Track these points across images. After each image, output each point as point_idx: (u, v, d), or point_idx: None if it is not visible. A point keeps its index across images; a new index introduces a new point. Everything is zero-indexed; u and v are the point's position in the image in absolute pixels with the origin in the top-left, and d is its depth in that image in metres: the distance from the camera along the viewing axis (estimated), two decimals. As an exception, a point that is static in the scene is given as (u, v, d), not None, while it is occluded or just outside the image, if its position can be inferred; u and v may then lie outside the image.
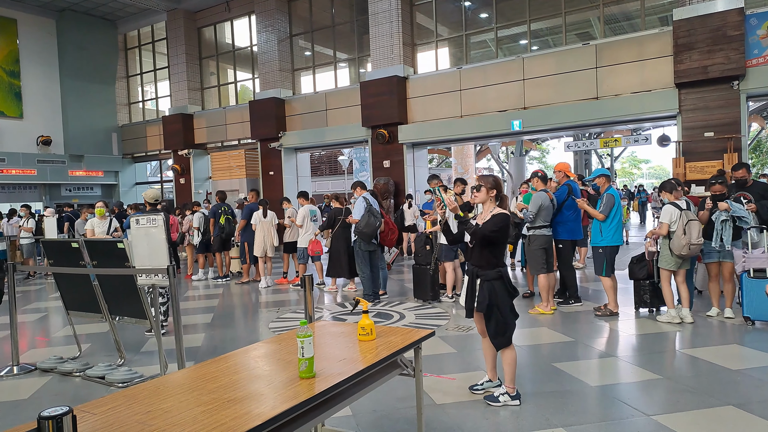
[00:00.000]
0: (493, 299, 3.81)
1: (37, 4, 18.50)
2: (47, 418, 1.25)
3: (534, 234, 6.72)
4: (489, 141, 17.55)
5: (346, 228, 8.51)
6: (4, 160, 17.82)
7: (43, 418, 1.26)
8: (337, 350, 2.81)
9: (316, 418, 2.37)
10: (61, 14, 19.22)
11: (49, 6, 18.73)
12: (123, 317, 5.19)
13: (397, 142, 13.95)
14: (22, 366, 5.24)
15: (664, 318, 6.06)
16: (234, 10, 17.78)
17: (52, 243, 5.74)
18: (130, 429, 1.84)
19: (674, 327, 5.86)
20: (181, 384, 2.34)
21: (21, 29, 18.58)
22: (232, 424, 1.87)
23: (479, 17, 14.46)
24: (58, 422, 1.26)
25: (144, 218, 4.64)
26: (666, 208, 6.07)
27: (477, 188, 3.97)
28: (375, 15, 13.97)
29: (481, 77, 13.08)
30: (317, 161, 32.63)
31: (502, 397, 3.87)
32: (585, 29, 14.39)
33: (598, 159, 27.74)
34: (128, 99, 21.32)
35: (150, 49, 20.70)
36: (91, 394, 4.52)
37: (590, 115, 11.62)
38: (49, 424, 1.25)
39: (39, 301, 9.33)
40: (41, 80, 19.08)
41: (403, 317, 6.86)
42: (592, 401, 3.94)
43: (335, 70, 16.26)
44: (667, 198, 6.20)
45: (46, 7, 18.80)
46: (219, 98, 19.02)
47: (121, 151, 20.94)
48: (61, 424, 1.26)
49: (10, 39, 18.35)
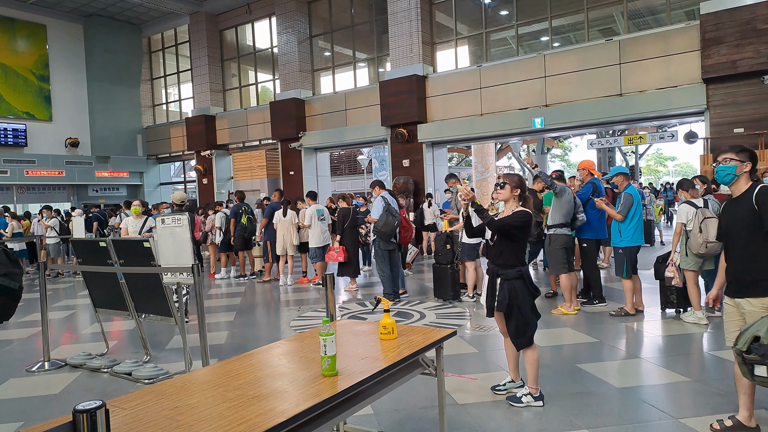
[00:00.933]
0: (514, 299, 3.78)
1: (66, 9, 18.92)
2: (82, 411, 1.30)
3: (555, 233, 6.66)
4: (510, 139, 17.46)
5: (353, 228, 8.77)
6: (35, 162, 18.27)
7: (78, 412, 1.30)
8: (359, 349, 2.82)
9: (338, 416, 2.39)
10: (88, 19, 19.63)
11: (77, 11, 19.14)
12: (149, 315, 5.29)
13: (417, 141, 13.95)
14: (53, 362, 5.37)
15: (690, 318, 5.96)
16: (255, 13, 17.95)
17: (80, 242, 5.87)
18: (158, 424, 1.89)
19: (701, 328, 5.75)
20: (207, 380, 2.38)
21: (50, 35, 19.03)
22: (257, 421, 1.90)
23: (499, 14, 14.37)
24: (92, 415, 1.30)
25: (169, 218, 4.72)
26: (682, 207, 6.01)
27: (501, 185, 3.93)
28: (394, 14, 13.98)
29: (501, 75, 13.00)
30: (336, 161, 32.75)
31: (525, 398, 3.84)
32: (608, 25, 14.20)
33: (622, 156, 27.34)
34: (152, 101, 21.68)
35: (173, 52, 21.01)
36: (119, 389, 4.62)
37: (614, 112, 11.47)
38: (83, 417, 1.29)
39: (67, 299, 9.55)
40: (69, 84, 19.52)
41: (423, 316, 6.86)
42: (617, 403, 3.89)
43: (354, 70, 16.32)
44: (684, 196, 6.14)
45: (74, 13, 19.22)
46: (240, 99, 19.23)
47: (145, 152, 21.30)
48: (95, 418, 1.30)
49: (40, 44, 18.80)
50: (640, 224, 6.25)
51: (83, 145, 19.77)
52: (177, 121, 20.75)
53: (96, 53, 19.74)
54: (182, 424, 1.88)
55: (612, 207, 6.42)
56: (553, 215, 6.66)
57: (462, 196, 3.91)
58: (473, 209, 3.86)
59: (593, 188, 7.06)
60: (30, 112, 18.55)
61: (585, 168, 7.37)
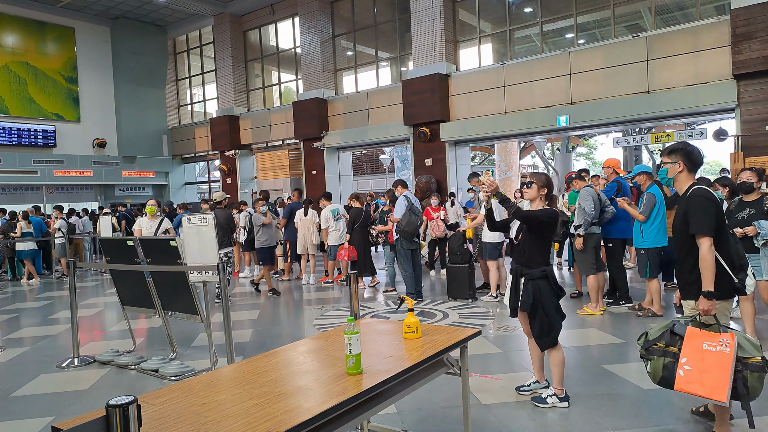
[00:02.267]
0: (538, 299, 3.74)
1: (94, 12, 19.31)
2: (115, 406, 1.32)
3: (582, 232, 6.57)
4: (534, 137, 17.28)
5: (364, 227, 8.98)
6: (63, 162, 18.68)
7: (111, 406, 1.33)
8: (383, 347, 2.82)
9: (363, 414, 2.39)
10: (115, 22, 20.01)
11: (105, 14, 19.52)
12: (175, 312, 5.37)
13: (439, 140, 13.89)
14: (82, 358, 5.49)
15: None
16: (278, 13, 18.09)
17: (108, 241, 5.98)
18: (186, 420, 1.91)
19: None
20: (233, 378, 2.41)
21: (79, 37, 19.44)
22: (283, 418, 1.92)
23: (523, 12, 14.24)
24: (124, 410, 1.32)
25: (195, 217, 4.78)
26: None
27: (528, 184, 3.90)
28: (417, 13, 13.95)
29: (525, 73, 12.87)
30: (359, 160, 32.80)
31: (550, 399, 3.80)
32: (635, 21, 13.95)
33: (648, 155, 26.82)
34: (177, 102, 21.99)
35: (198, 53, 21.30)
36: (146, 386, 4.70)
37: (641, 109, 11.27)
38: (116, 411, 1.32)
39: (95, 297, 9.74)
40: (97, 85, 19.92)
41: (446, 316, 6.84)
42: (645, 405, 3.82)
43: (377, 69, 16.33)
44: None
45: (102, 15, 19.61)
46: (264, 99, 19.40)
47: (171, 152, 21.63)
48: (127, 412, 1.33)
49: (68, 47, 19.22)
50: (663, 225, 6.11)
51: (110, 145, 20.16)
52: (201, 122, 21.02)
53: (123, 55, 20.11)
54: (210, 420, 1.90)
55: (634, 207, 6.32)
56: (579, 216, 6.58)
57: (485, 186, 3.86)
58: (497, 200, 3.81)
59: (618, 187, 6.94)
60: (59, 114, 18.98)
61: (610, 166, 7.25)
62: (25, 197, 18.21)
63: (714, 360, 2.89)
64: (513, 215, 3.73)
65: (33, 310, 8.58)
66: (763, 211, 4.88)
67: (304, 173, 17.12)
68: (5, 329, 7.29)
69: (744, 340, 2.97)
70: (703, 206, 3.04)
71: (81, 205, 18.28)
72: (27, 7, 17.98)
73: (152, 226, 8.05)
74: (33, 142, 18.12)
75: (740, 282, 3.09)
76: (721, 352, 2.88)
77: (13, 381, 5.00)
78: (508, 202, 3.76)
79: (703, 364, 2.92)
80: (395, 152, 26.48)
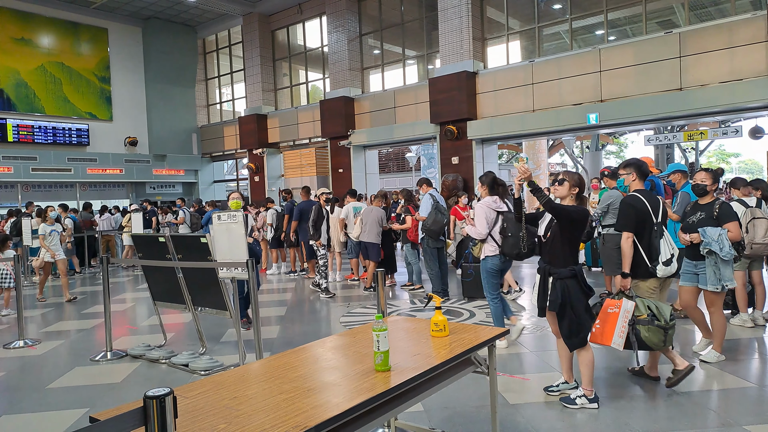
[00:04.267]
0: (567, 298, 3.70)
1: (126, 13, 19.72)
2: (152, 397, 1.36)
3: (609, 233, 6.47)
4: (563, 135, 17.04)
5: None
6: (96, 160, 19.13)
7: (148, 398, 1.36)
8: (411, 345, 2.83)
9: (391, 411, 2.40)
10: (146, 22, 20.39)
11: (137, 15, 19.91)
12: (205, 308, 5.46)
13: (466, 138, 13.81)
14: (114, 352, 5.62)
15: (735, 321, 5.73)
16: (306, 12, 18.20)
17: (141, 237, 6.11)
18: (219, 412, 1.95)
19: (752, 331, 5.48)
20: (263, 373, 2.44)
21: (111, 37, 19.88)
22: (313, 413, 1.94)
23: (552, 8, 14.05)
24: (161, 402, 1.36)
25: (225, 214, 4.85)
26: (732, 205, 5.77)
27: (560, 182, 3.86)
28: (444, 11, 13.89)
29: (554, 70, 12.71)
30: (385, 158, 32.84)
31: (579, 400, 3.75)
32: (667, 17, 13.65)
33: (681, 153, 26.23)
34: (207, 101, 22.32)
35: (227, 53, 21.57)
36: (176, 380, 4.79)
37: (673, 107, 11.02)
38: (153, 402, 1.35)
39: (125, 293, 9.96)
40: (129, 85, 20.34)
41: (473, 315, 6.81)
42: (676, 408, 3.75)
43: (404, 68, 16.31)
44: (737, 195, 5.96)
45: (134, 16, 20.01)
46: (291, 98, 19.55)
47: (200, 150, 21.96)
48: (164, 404, 1.36)
49: (101, 47, 19.67)
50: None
51: (141, 143, 20.57)
52: (230, 121, 21.29)
53: (154, 55, 20.50)
54: (242, 414, 1.93)
55: (669, 206, 6.20)
56: (605, 215, 6.49)
57: (519, 174, 3.82)
58: (530, 188, 3.78)
59: (651, 186, 6.81)
60: (92, 113, 19.44)
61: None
62: (59, 194, 18.69)
63: (610, 319, 3.84)
64: (544, 205, 3.70)
65: (67, 304, 8.82)
66: (712, 216, 4.52)
67: (330, 171, 17.22)
68: (41, 323, 7.51)
69: (641, 304, 3.89)
70: (624, 210, 4.09)
71: (113, 202, 18.71)
72: (62, 8, 18.46)
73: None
74: (67, 141, 18.59)
75: (652, 267, 4.00)
76: (615, 313, 3.84)
77: (49, 373, 5.15)
78: (540, 191, 3.72)
79: (605, 322, 3.86)
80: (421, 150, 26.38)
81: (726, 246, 4.35)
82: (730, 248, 4.36)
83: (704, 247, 4.44)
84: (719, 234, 4.37)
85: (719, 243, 4.35)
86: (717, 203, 4.56)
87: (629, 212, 4.04)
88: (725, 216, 4.47)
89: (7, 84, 17.46)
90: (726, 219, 4.46)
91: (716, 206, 4.53)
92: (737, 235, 4.44)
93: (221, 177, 23.78)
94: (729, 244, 4.36)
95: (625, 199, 4.16)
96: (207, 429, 1.81)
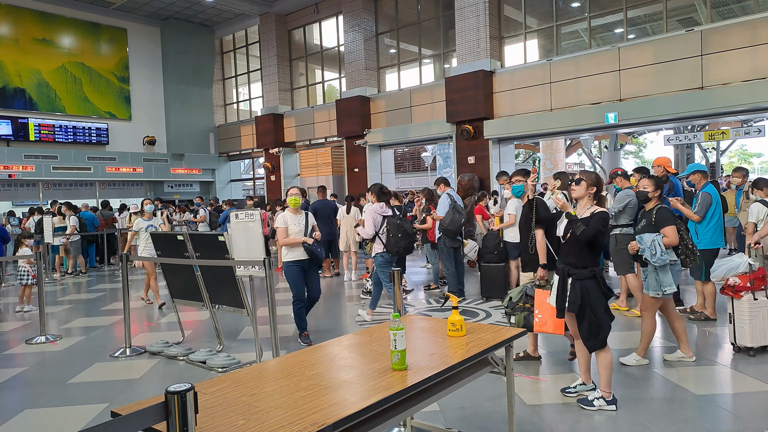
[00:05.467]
0: (586, 299, 3.67)
1: (145, 13, 19.96)
2: (174, 392, 1.37)
3: (621, 233, 6.41)
4: (581, 135, 16.88)
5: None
6: (115, 159, 19.39)
7: (170, 393, 1.38)
8: (428, 344, 2.82)
9: (408, 410, 2.40)
10: (165, 22, 20.61)
11: (155, 15, 20.14)
12: (222, 306, 5.50)
13: (483, 138, 13.74)
14: (133, 348, 5.69)
15: None
16: (322, 12, 18.26)
17: (159, 236, 6.17)
18: (238, 409, 1.96)
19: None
20: (281, 370, 2.45)
21: (130, 38, 20.13)
22: (330, 410, 1.94)
23: (571, 7, 13.93)
24: (182, 397, 1.37)
25: (242, 213, 4.88)
26: (753, 205, 5.73)
27: (577, 182, 3.83)
28: (461, 9, 13.83)
29: (572, 69, 12.60)
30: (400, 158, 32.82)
31: (597, 401, 3.72)
32: (688, 14, 13.46)
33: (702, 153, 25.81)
34: (224, 100, 22.50)
35: (244, 53, 21.73)
36: (194, 376, 4.83)
37: (694, 106, 10.86)
38: (175, 398, 1.36)
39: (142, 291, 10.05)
40: (147, 84, 20.58)
41: (489, 315, 6.77)
42: (695, 411, 3.69)
43: (420, 67, 16.29)
44: (759, 195, 5.88)
45: (153, 16, 20.24)
46: (307, 98, 19.63)
47: (217, 149, 22.15)
48: (185, 399, 1.37)
49: (121, 47, 19.93)
50: (719, 226, 5.88)
51: (159, 143, 20.81)
52: (247, 120, 21.44)
53: (172, 55, 20.72)
54: (260, 410, 1.94)
55: (688, 207, 6.11)
56: (618, 215, 6.42)
57: (560, 207, 3.81)
58: (567, 219, 3.77)
59: (669, 186, 6.71)
60: (111, 112, 19.70)
61: (660, 165, 7.01)
62: (79, 192, 18.98)
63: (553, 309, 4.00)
64: (580, 236, 3.66)
65: (86, 301, 8.95)
66: (651, 223, 4.46)
67: (346, 171, 17.25)
68: (62, 319, 7.63)
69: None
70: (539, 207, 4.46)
71: (131, 200, 18.93)
72: (82, 9, 18.74)
73: (300, 223, 5.72)
74: (87, 140, 18.86)
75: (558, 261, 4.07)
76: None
77: (70, 368, 5.23)
78: (577, 223, 3.70)
79: (549, 313, 4.04)
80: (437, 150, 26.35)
81: (658, 252, 4.30)
82: (662, 254, 4.31)
83: (640, 253, 4.44)
84: (652, 240, 4.34)
85: (651, 249, 4.32)
86: (656, 209, 4.51)
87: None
88: (662, 221, 4.42)
89: (29, 84, 17.76)
90: (663, 224, 4.41)
91: (654, 212, 4.50)
92: (673, 239, 4.36)
93: (238, 176, 23.95)
94: (662, 250, 4.31)
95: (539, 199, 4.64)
96: (226, 425, 1.83)
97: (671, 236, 4.34)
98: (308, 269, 5.78)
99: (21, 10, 17.51)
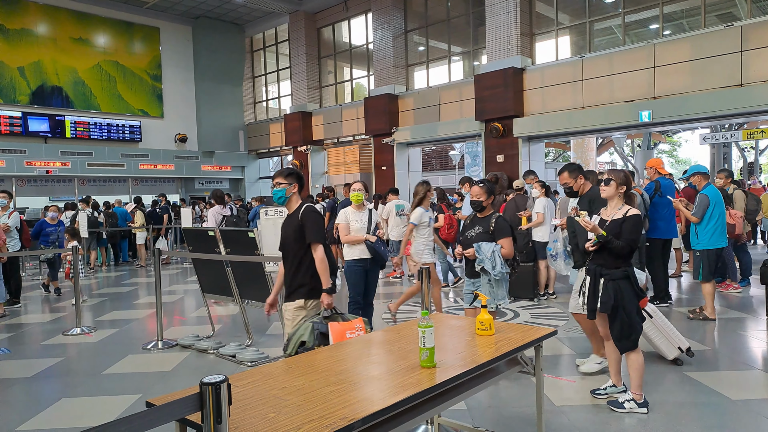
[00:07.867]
0: (619, 300, 3.61)
1: (177, 12, 20.31)
2: (208, 384, 1.40)
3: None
4: (613, 133, 16.58)
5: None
6: (147, 156, 19.79)
7: (204, 384, 1.40)
8: (456, 343, 2.82)
9: (435, 407, 2.40)
10: (196, 21, 20.95)
11: (187, 14, 20.48)
12: (251, 301, 5.57)
13: (512, 136, 13.60)
14: (165, 341, 5.82)
15: None
16: (351, 9, 18.30)
17: (191, 231, 6.28)
18: (268, 402, 1.99)
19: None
20: (310, 365, 2.47)
21: (163, 36, 20.52)
22: (359, 406, 1.95)
23: (604, 2, 13.68)
24: (216, 388, 1.40)
25: (272, 209, 4.94)
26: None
27: (606, 182, 3.77)
28: (492, 6, 13.70)
29: (605, 66, 12.37)
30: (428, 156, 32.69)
31: (628, 404, 3.66)
32: (727, 9, 13.08)
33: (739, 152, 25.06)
34: (254, 98, 22.76)
35: (273, 51, 21.93)
36: (224, 370, 4.91)
37: (732, 104, 10.55)
38: (209, 389, 1.39)
39: (174, 285, 10.27)
40: (179, 83, 20.95)
41: (517, 315, 6.72)
42: (731, 416, 3.60)
43: (449, 64, 16.20)
44: None
45: (185, 15, 20.59)
46: (336, 96, 19.71)
47: (246, 147, 22.43)
48: (219, 390, 1.40)
49: (153, 46, 20.33)
50: (720, 226, 5.86)
51: (191, 140, 21.16)
52: (276, 118, 21.65)
53: (203, 53, 21.05)
54: (290, 404, 1.97)
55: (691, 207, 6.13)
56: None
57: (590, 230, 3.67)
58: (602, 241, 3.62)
59: (656, 187, 6.71)
60: (144, 110, 20.12)
61: (652, 167, 7.19)
62: (112, 189, 19.46)
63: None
64: (620, 251, 3.58)
65: (120, 295, 9.17)
66: (488, 231, 4.31)
67: (373, 169, 17.27)
68: (96, 312, 7.83)
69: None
70: (316, 221, 3.70)
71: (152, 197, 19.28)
72: (116, 8, 19.17)
73: (362, 220, 5.30)
74: (121, 137, 19.30)
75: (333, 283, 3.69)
76: (361, 336, 3.26)
77: (104, 360, 5.36)
78: (612, 242, 3.59)
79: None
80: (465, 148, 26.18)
81: (498, 264, 4.21)
82: (502, 266, 4.22)
83: (478, 264, 4.31)
84: (492, 251, 4.23)
85: (492, 261, 4.21)
86: (493, 217, 4.39)
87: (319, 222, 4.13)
88: (500, 231, 4.32)
89: (66, 82, 18.25)
90: (500, 235, 4.31)
91: (492, 221, 4.37)
92: (510, 251, 4.28)
93: (267, 173, 24.21)
94: (501, 262, 4.22)
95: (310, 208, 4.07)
96: (257, 417, 1.85)
97: (507, 248, 4.29)
98: (370, 269, 5.30)
99: (58, 10, 17.99)
